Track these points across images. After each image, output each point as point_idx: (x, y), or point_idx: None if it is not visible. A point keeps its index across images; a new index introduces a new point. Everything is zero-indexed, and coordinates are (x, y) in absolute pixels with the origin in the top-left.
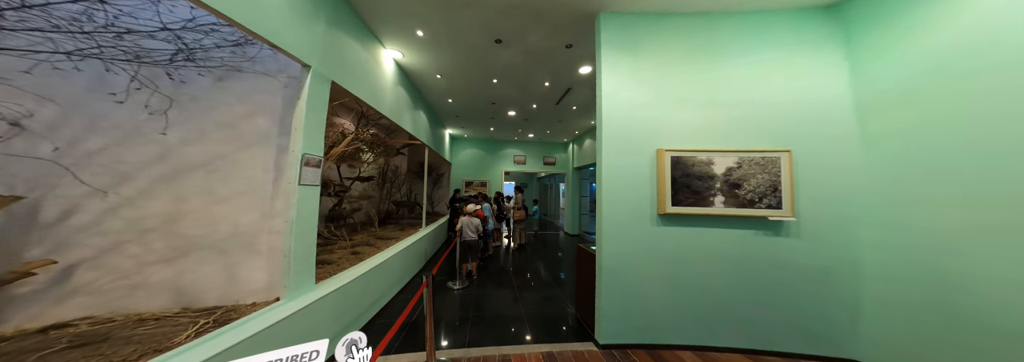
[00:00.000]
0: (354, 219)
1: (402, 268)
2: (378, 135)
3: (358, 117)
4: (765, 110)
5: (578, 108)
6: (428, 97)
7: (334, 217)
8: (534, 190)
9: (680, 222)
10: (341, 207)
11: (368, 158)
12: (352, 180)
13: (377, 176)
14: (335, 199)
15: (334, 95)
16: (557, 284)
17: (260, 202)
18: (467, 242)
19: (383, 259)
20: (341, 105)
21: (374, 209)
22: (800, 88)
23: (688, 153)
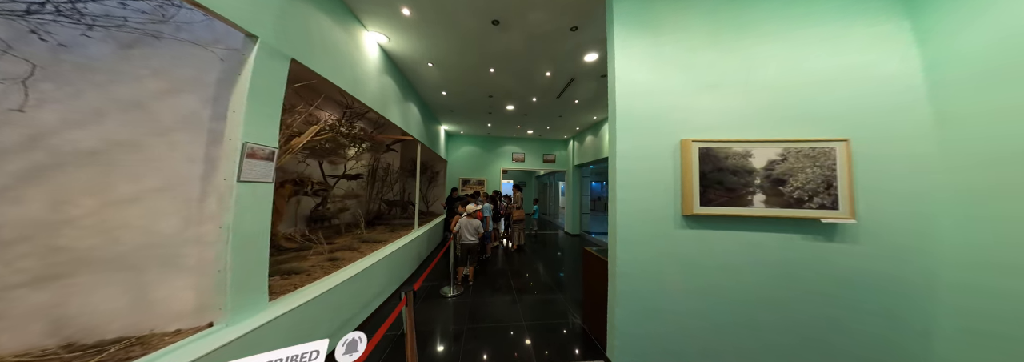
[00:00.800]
0: (340, 220)
1: (389, 275)
2: (365, 129)
3: (344, 110)
4: (814, 93)
5: (581, 102)
6: (420, 89)
7: (317, 218)
8: (533, 189)
9: (711, 224)
10: (324, 207)
11: (352, 154)
12: (337, 178)
13: (366, 174)
14: (317, 199)
15: (297, 76)
16: (559, 289)
17: (183, 203)
18: (465, 245)
19: (364, 266)
20: (327, 98)
21: (362, 209)
22: (856, 66)
23: (721, 144)
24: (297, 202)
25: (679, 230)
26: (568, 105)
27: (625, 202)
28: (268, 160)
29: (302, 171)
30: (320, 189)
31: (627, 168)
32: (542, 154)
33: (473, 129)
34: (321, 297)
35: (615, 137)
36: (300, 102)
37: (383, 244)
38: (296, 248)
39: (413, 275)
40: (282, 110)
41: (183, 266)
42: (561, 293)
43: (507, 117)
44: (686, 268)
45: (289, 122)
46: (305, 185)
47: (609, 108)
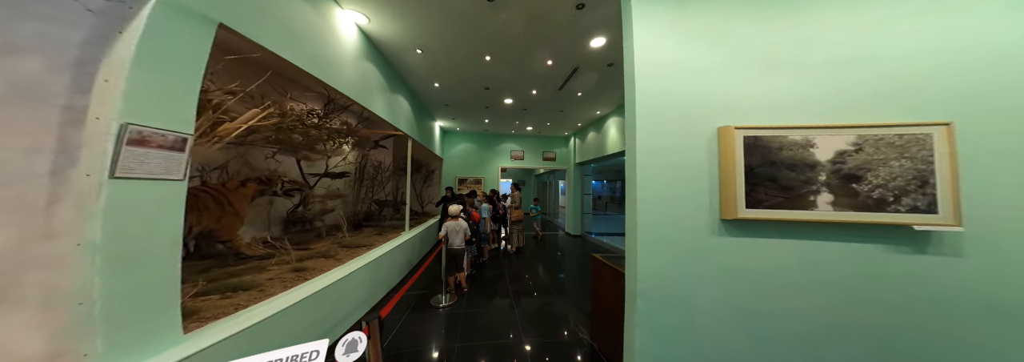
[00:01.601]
0: (323, 223)
1: (370, 286)
2: (348, 123)
3: (326, 102)
4: (898, 68)
5: (584, 95)
6: (410, 80)
7: (296, 221)
8: (532, 187)
9: (759, 231)
10: (305, 209)
11: (331, 149)
12: (318, 176)
13: (354, 172)
14: (291, 199)
15: (234, 47)
16: (562, 296)
17: (17, 210)
18: (454, 251)
19: (336, 278)
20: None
21: (350, 210)
22: (955, 30)
23: (773, 132)
24: (269, 203)
25: (717, 238)
26: (570, 98)
27: (647, 205)
28: (174, 150)
29: (275, 169)
30: (293, 188)
31: (649, 164)
32: (542, 152)
33: (470, 125)
34: (268, 322)
35: (634, 128)
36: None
37: (367, 249)
38: (260, 256)
39: (401, 283)
40: (206, 90)
41: (20, 299)
42: (564, 301)
43: (505, 112)
44: (726, 286)
45: (215, 103)
46: (274, 184)
47: (626, 94)
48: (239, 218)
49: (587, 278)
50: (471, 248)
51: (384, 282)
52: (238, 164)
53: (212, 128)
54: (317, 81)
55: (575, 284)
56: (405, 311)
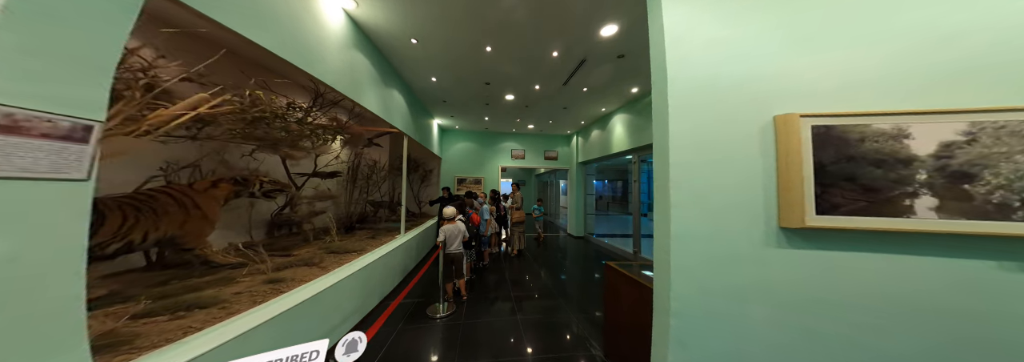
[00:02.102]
0: (313, 225)
1: (360, 296)
2: (338, 120)
3: (314, 96)
4: (1017, 35)
5: (590, 91)
6: (405, 74)
7: (281, 224)
8: (533, 187)
9: (832, 242)
10: (292, 210)
11: (316, 146)
12: (306, 176)
13: (346, 172)
14: (272, 201)
15: (174, 19)
16: (568, 303)
17: None
18: (452, 255)
19: (316, 291)
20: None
21: (342, 212)
22: None
23: (851, 120)
24: (251, 205)
25: (774, 251)
26: (575, 95)
27: (683, 210)
28: (70, 141)
29: (256, 167)
30: (274, 189)
31: (685, 162)
32: (543, 151)
33: (469, 123)
34: (227, 347)
35: (665, 120)
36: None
37: (357, 255)
38: (234, 265)
39: (396, 290)
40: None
41: None
42: (571, 309)
43: (506, 109)
44: (788, 310)
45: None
46: (251, 184)
47: (654, 81)
48: (209, 222)
49: (594, 284)
50: (470, 252)
51: (377, 290)
52: (212, 162)
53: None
54: (298, 71)
55: (581, 290)
56: (399, 322)
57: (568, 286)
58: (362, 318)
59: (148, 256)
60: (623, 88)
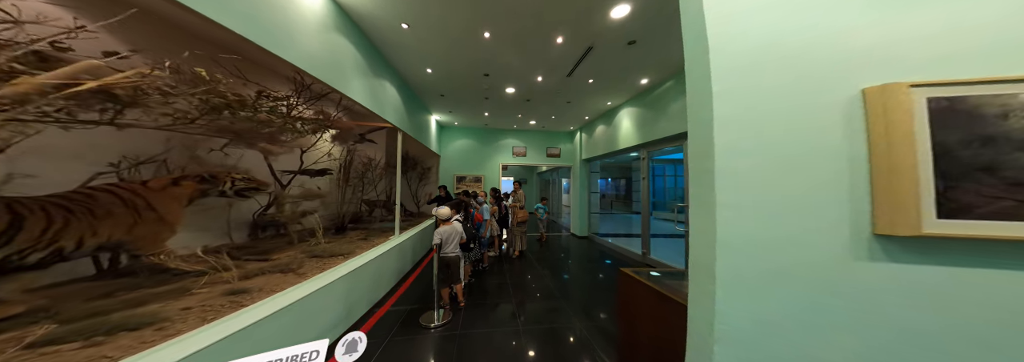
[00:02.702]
0: (302, 226)
1: (343, 306)
2: (325, 113)
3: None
4: None
5: (597, 82)
6: (398, 64)
7: (266, 225)
8: (534, 185)
9: (963, 256)
10: (278, 210)
11: (290, 140)
12: (292, 173)
13: (338, 169)
14: (244, 200)
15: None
16: (575, 309)
17: None
18: (449, 259)
19: (287, 302)
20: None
21: (332, 212)
22: None
23: (992, 88)
24: (229, 205)
25: (867, 265)
26: (580, 87)
27: (732, 212)
28: None
29: (235, 164)
30: (249, 187)
31: (736, 152)
32: (545, 148)
33: (468, 120)
34: None
35: (707, 101)
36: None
37: (343, 259)
38: (197, 271)
39: (388, 296)
40: None
41: None
42: (579, 316)
43: (507, 104)
44: (883, 345)
45: None
46: (219, 182)
47: (686, 50)
48: (166, 225)
49: (601, 287)
50: (469, 254)
51: (365, 298)
52: (182, 158)
53: None
54: (267, 54)
55: (588, 294)
56: (388, 333)
57: (574, 290)
58: (345, 329)
59: (98, 263)
60: (633, 79)
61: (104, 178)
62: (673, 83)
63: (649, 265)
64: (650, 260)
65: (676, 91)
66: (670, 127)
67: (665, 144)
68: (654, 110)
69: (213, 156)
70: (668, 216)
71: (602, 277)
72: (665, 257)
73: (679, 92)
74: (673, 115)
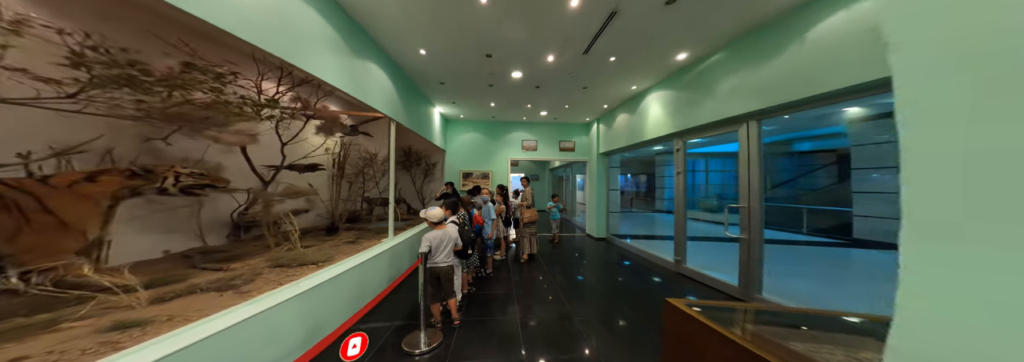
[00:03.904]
0: (293, 226)
1: (297, 334)
2: (305, 101)
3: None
4: None
5: (620, 60)
6: (389, 47)
7: (250, 225)
8: (547, 182)
9: None
10: (255, 209)
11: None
12: (276, 169)
13: (331, 164)
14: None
15: None
16: (597, 330)
17: None
18: (439, 270)
19: (177, 346)
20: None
21: (321, 211)
22: None
23: None
24: (198, 204)
25: None
26: (599, 68)
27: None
28: None
29: (202, 158)
30: (199, 184)
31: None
32: (558, 141)
33: (474, 112)
34: None
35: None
36: None
37: (316, 268)
38: (98, 288)
39: (369, 314)
40: None
41: None
42: (604, 341)
43: (514, 91)
44: None
45: None
46: (157, 178)
47: None
48: (69, 232)
49: (625, 300)
50: (467, 262)
51: (336, 316)
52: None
53: None
54: None
55: (614, 310)
56: (363, 360)
57: (593, 303)
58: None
59: None
60: (667, 54)
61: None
62: (724, 56)
63: (686, 277)
64: (687, 270)
65: (728, 65)
66: (720, 109)
67: (714, 130)
68: (695, 91)
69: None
70: (698, 216)
71: (620, 279)
72: (705, 265)
73: (733, 67)
74: (724, 95)
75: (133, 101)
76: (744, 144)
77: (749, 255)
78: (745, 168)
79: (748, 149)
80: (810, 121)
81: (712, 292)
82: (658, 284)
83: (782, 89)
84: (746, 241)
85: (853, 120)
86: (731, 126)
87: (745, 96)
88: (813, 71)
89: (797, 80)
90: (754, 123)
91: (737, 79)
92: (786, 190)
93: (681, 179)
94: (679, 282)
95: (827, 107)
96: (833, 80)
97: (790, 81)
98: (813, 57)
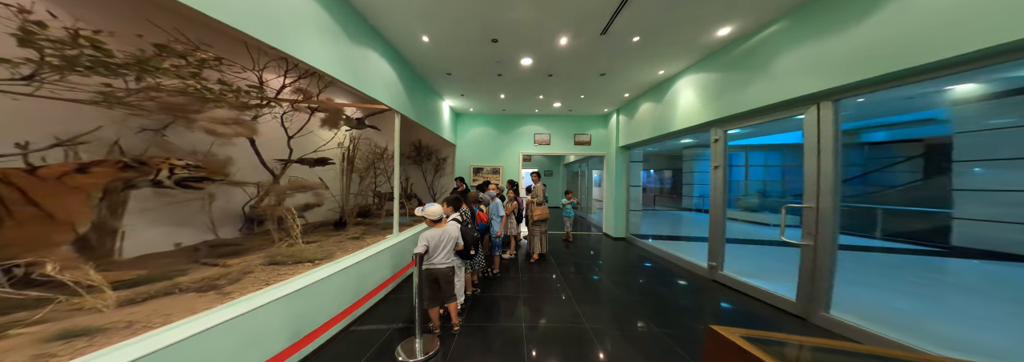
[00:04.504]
0: (307, 220)
1: (284, 335)
2: (304, 90)
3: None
4: None
5: (645, 40)
6: (390, 34)
7: (261, 219)
8: (561, 178)
9: None
10: (269, 203)
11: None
12: (286, 163)
13: (341, 158)
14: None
15: None
16: (614, 339)
17: None
18: (438, 271)
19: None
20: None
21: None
22: None
23: None
24: (209, 197)
25: None
26: (619, 50)
27: None
28: None
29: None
30: (196, 177)
31: None
32: (573, 134)
33: (484, 105)
34: None
35: None
36: None
37: (312, 266)
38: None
39: (364, 315)
40: None
41: None
42: (616, 346)
43: (524, 81)
44: None
45: None
46: (151, 170)
47: None
48: (57, 225)
49: (650, 311)
50: (471, 262)
51: (325, 319)
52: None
53: None
54: None
55: (632, 318)
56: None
57: (608, 309)
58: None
59: None
60: (705, 30)
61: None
62: (785, 25)
63: (722, 284)
64: (724, 278)
65: (791, 36)
66: (779, 90)
67: (767, 116)
68: (741, 71)
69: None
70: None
71: (648, 294)
72: (746, 272)
73: (798, 38)
74: (784, 74)
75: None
76: (812, 131)
77: (814, 264)
78: (813, 160)
79: (818, 137)
80: (890, 105)
81: (756, 305)
82: (687, 291)
83: (872, 61)
84: (810, 248)
85: (959, 101)
86: (792, 110)
87: (815, 72)
88: (923, 34)
89: (897, 47)
90: (828, 105)
91: (804, 53)
92: (852, 187)
93: (719, 174)
94: (714, 291)
95: (929, 83)
96: (960, 42)
97: (884, 49)
98: (924, 14)
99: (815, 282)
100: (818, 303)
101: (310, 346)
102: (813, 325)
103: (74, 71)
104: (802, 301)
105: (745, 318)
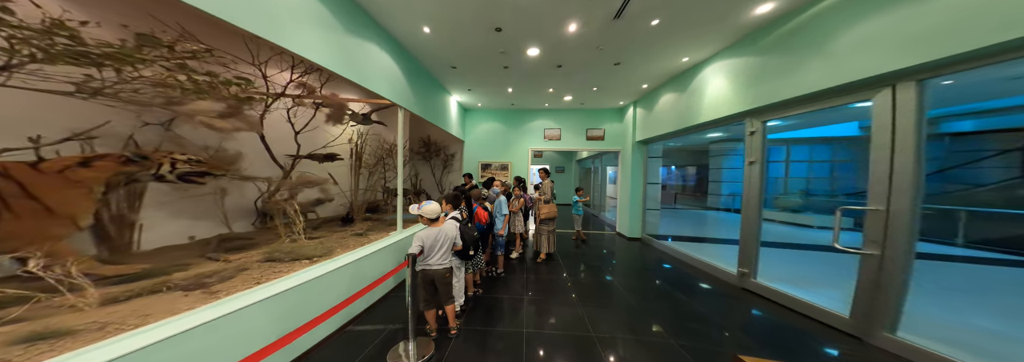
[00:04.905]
0: (317, 215)
1: (277, 327)
2: (306, 85)
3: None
4: None
5: (666, 23)
6: (389, 25)
7: (273, 214)
8: (573, 175)
9: None
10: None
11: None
12: (295, 158)
13: (349, 153)
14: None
15: None
16: (625, 346)
17: None
18: (434, 273)
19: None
20: None
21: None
22: None
23: None
24: (222, 192)
25: None
26: (636, 36)
27: None
28: None
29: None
30: (197, 172)
31: None
32: (585, 129)
33: (492, 100)
34: None
35: None
36: None
37: (309, 263)
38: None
39: (362, 313)
40: None
41: None
42: (627, 353)
43: (532, 73)
44: None
45: None
46: (153, 164)
47: None
48: (56, 219)
49: (668, 318)
50: (470, 263)
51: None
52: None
53: None
54: None
55: (645, 324)
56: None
57: (619, 315)
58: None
59: None
60: (739, 7)
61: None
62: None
63: (754, 293)
64: (757, 286)
65: (855, 7)
66: (840, 71)
67: (821, 102)
68: (786, 53)
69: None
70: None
71: (657, 283)
72: (783, 279)
73: (864, 8)
74: (847, 51)
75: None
76: (884, 119)
77: (880, 276)
78: (884, 155)
79: (893, 126)
80: (983, 89)
81: (797, 319)
82: (711, 299)
83: (975, 28)
84: (875, 257)
85: None
86: (855, 95)
87: (891, 48)
88: None
89: (1004, 11)
90: (908, 87)
91: (874, 25)
92: (927, 186)
93: (756, 170)
94: (744, 301)
95: None
96: None
97: (999, 7)
98: None
99: (878, 297)
100: (880, 321)
101: (299, 347)
102: (873, 346)
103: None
104: (858, 318)
105: (783, 334)
